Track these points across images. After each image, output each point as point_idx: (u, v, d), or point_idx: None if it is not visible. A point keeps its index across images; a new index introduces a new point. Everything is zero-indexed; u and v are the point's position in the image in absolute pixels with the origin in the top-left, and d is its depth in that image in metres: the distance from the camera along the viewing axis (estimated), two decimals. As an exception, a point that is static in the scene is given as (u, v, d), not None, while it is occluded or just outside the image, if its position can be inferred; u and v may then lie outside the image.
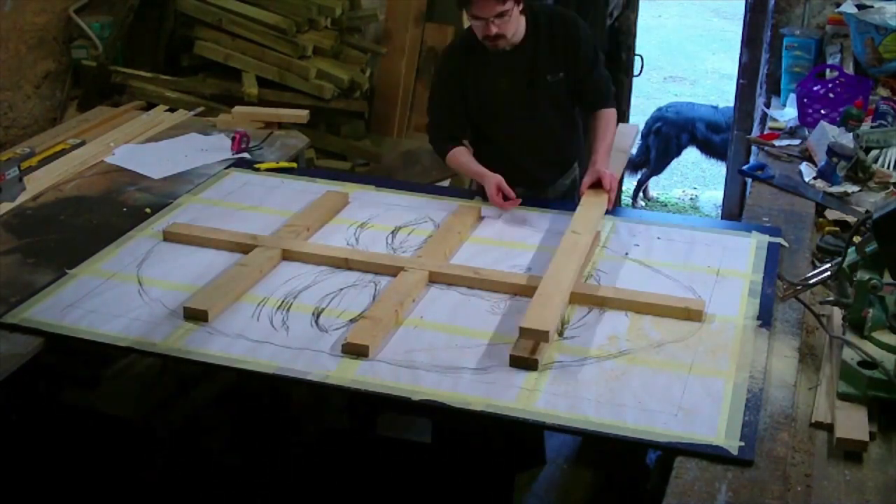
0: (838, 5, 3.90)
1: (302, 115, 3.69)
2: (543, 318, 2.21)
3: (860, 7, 3.79)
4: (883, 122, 3.32)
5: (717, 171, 6.84)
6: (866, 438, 1.92)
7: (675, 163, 6.62)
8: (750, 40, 4.61)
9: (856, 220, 2.61)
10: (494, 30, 2.77)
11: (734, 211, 4.84)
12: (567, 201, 3.05)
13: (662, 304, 2.37)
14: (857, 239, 2.21)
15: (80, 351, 2.83)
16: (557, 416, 2.01)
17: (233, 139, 3.39)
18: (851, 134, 3.18)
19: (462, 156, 2.99)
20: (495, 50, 2.85)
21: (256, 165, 3.24)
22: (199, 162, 3.27)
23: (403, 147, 4.41)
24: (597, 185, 2.85)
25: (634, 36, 5.06)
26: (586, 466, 3.29)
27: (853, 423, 1.96)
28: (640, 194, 6.54)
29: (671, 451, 1.92)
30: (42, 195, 3.03)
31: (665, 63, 9.70)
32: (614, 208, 2.93)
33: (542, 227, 2.83)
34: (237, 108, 3.69)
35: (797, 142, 3.41)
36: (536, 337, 2.19)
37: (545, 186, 3.14)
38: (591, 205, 2.80)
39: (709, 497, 1.79)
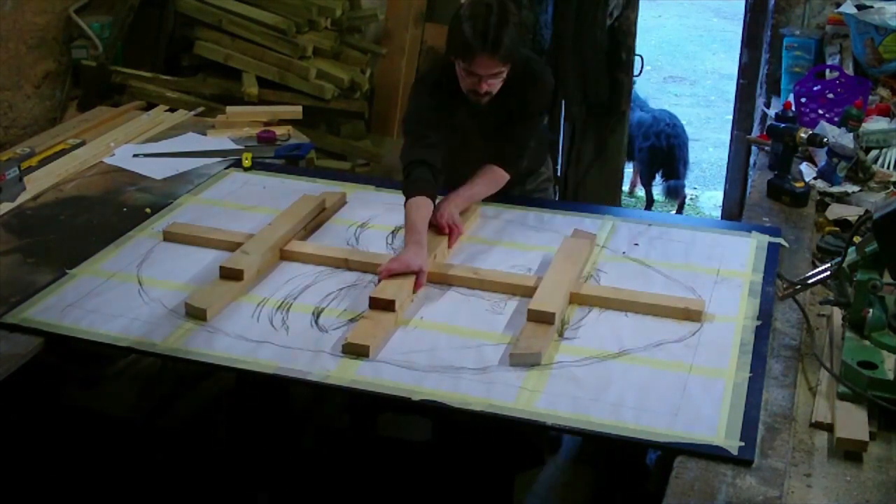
0: (838, 5, 3.90)
1: (296, 111, 3.70)
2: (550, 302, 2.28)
3: (860, 7, 3.78)
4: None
5: (717, 171, 6.85)
6: (866, 438, 1.92)
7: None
8: (750, 40, 4.61)
9: (856, 219, 2.62)
10: (485, 87, 2.63)
11: (734, 211, 4.84)
12: (569, 202, 3.04)
13: (662, 304, 2.37)
14: (857, 239, 2.21)
15: (80, 351, 2.83)
16: (557, 416, 2.01)
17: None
18: (851, 134, 3.18)
19: (413, 208, 2.57)
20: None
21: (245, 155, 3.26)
22: (201, 162, 3.28)
23: (403, 147, 4.41)
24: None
25: (634, 36, 5.05)
26: (586, 466, 3.29)
27: (853, 423, 1.96)
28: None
29: (671, 451, 1.92)
30: (42, 195, 3.03)
31: (665, 63, 9.70)
32: (616, 208, 2.92)
33: (542, 227, 2.83)
34: (231, 108, 3.70)
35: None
36: (544, 319, 2.25)
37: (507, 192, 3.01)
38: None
39: (709, 497, 1.79)
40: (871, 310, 2.10)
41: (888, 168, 3.20)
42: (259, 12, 4.02)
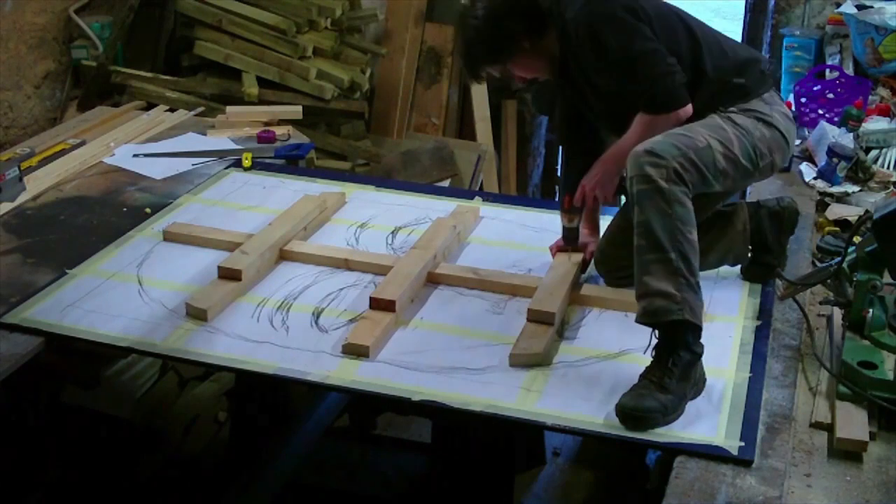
0: (838, 5, 3.90)
1: (296, 111, 3.70)
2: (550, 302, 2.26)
3: (860, 7, 3.79)
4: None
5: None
6: (866, 438, 1.92)
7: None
8: (750, 40, 4.60)
9: (856, 219, 2.61)
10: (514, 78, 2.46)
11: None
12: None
13: (662, 304, 2.37)
14: (857, 239, 2.21)
15: (80, 351, 2.83)
16: (557, 416, 2.00)
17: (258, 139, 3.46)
18: (851, 134, 3.18)
19: None
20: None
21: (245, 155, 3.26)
22: (201, 162, 3.28)
23: (403, 147, 4.40)
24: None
25: (635, 36, 5.06)
26: (586, 466, 3.30)
27: (853, 423, 1.96)
28: None
29: (671, 451, 1.92)
30: (42, 195, 3.03)
31: (665, 63, 9.69)
32: (616, 208, 2.87)
33: (542, 227, 2.83)
34: (231, 108, 3.69)
35: (797, 142, 3.41)
36: (544, 319, 2.24)
37: None
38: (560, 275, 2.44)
39: (709, 497, 1.79)
40: (871, 310, 2.11)
41: (888, 168, 3.20)
42: (259, 12, 4.02)
